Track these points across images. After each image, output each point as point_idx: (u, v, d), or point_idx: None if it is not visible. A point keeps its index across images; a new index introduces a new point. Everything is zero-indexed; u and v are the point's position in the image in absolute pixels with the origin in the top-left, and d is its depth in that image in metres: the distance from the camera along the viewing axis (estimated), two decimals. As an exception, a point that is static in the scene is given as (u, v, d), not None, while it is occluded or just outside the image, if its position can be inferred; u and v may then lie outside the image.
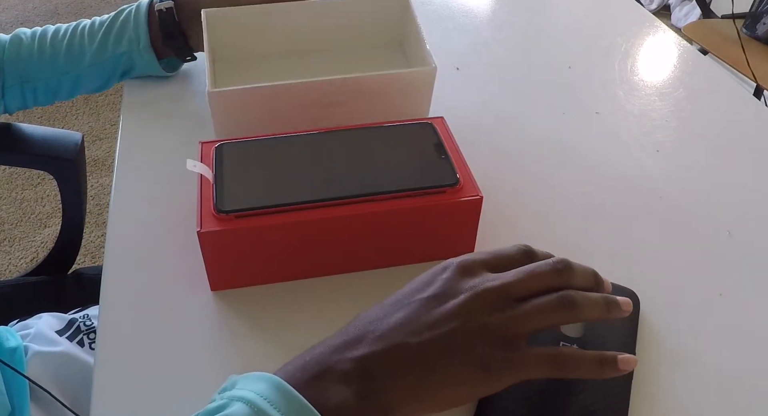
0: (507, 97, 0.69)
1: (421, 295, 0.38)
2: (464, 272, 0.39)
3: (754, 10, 1.74)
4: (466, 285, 0.38)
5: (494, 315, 0.37)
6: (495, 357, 0.36)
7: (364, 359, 0.36)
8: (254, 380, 0.35)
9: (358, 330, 0.37)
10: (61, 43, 0.66)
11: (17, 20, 2.60)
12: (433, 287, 0.38)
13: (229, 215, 0.45)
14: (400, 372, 0.35)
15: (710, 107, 0.69)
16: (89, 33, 0.66)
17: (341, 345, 0.36)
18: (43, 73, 0.67)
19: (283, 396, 0.33)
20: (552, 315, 0.37)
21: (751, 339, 0.46)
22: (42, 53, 0.66)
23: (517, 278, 0.38)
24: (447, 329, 0.36)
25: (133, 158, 0.61)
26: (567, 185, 0.59)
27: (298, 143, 0.52)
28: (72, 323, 0.69)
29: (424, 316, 0.37)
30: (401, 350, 0.36)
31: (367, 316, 0.38)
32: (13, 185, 1.83)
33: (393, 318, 0.37)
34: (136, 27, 0.65)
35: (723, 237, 0.54)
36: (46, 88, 0.68)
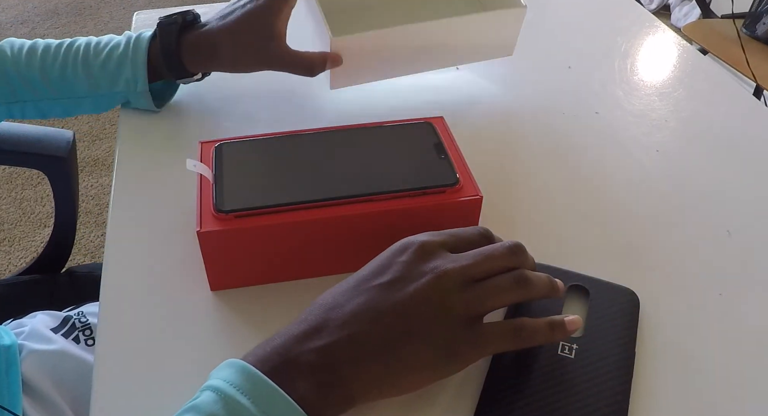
0: (507, 97, 0.69)
1: (380, 280, 0.38)
2: (424, 254, 0.39)
3: (754, 10, 1.74)
4: (426, 268, 0.38)
5: (454, 297, 0.37)
6: (457, 339, 0.37)
7: (327, 349, 0.36)
8: (223, 367, 0.36)
9: (318, 318, 0.37)
10: (52, 68, 0.62)
11: (17, 20, 2.60)
12: (392, 271, 0.38)
13: (228, 215, 0.45)
14: (364, 360, 0.36)
15: (710, 107, 0.69)
16: (83, 63, 0.62)
17: (302, 335, 0.36)
18: (31, 95, 0.63)
19: (248, 379, 0.34)
20: (508, 293, 0.39)
21: (750, 338, 0.46)
22: (30, 75, 0.62)
23: (475, 260, 0.39)
24: (409, 314, 0.37)
25: (133, 158, 0.61)
26: (567, 185, 0.59)
27: (298, 142, 0.52)
28: (67, 320, 0.69)
29: (384, 302, 0.37)
30: (364, 338, 0.36)
31: (326, 303, 0.38)
32: (13, 185, 1.83)
33: (353, 304, 0.37)
34: (134, 68, 0.61)
35: (723, 237, 0.54)
36: (36, 109, 0.65)
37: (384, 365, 0.36)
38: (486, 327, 0.38)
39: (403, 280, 0.38)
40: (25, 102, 0.64)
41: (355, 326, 0.36)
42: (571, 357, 0.43)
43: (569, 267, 0.49)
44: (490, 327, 0.38)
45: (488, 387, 0.41)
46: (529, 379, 0.41)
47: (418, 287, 0.37)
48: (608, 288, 0.47)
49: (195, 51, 0.61)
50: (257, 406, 0.33)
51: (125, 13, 2.66)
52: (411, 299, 0.37)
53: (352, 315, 0.37)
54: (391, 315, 0.37)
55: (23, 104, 0.64)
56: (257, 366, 0.35)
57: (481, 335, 0.38)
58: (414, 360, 0.36)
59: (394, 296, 0.37)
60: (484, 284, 0.39)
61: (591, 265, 0.50)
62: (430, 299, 0.37)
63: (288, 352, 0.36)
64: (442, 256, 0.39)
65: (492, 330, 0.38)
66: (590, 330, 0.44)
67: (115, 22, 2.62)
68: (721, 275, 0.50)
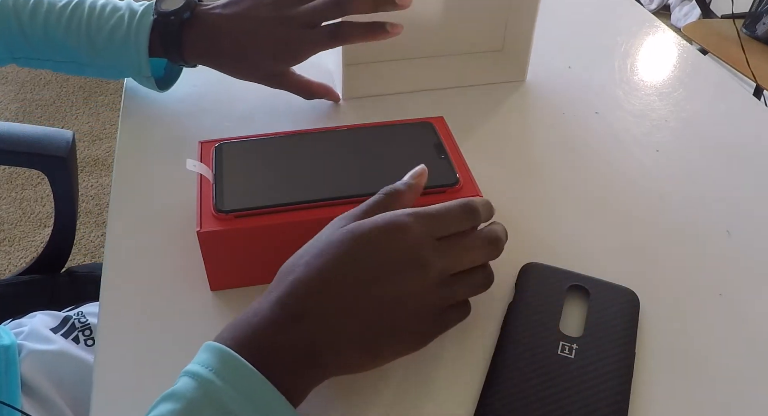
0: (507, 97, 0.69)
1: (364, 268, 0.38)
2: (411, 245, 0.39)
3: (754, 10, 1.74)
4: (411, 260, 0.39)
5: (435, 292, 0.39)
6: (431, 325, 0.40)
7: (308, 338, 0.36)
8: (200, 352, 0.36)
9: (297, 303, 0.37)
10: (55, 33, 0.60)
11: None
12: (377, 261, 0.38)
13: (228, 215, 0.45)
14: (344, 348, 0.37)
15: (710, 107, 0.69)
16: (86, 35, 0.60)
17: (281, 321, 0.36)
18: (36, 54, 0.62)
19: (225, 362, 0.34)
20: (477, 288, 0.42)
21: (750, 339, 0.46)
22: (33, 37, 0.60)
23: (461, 256, 0.41)
24: (391, 307, 0.38)
25: (133, 158, 0.61)
26: (567, 185, 0.59)
27: (298, 142, 0.52)
28: (66, 320, 0.69)
29: (368, 292, 0.38)
30: (344, 328, 0.37)
31: (304, 282, 0.38)
32: (13, 185, 1.83)
33: (334, 292, 0.37)
34: (138, 53, 0.60)
35: (722, 237, 0.54)
36: (41, 66, 0.64)
37: (362, 352, 0.38)
38: (450, 311, 0.41)
39: (387, 276, 0.38)
40: (30, 59, 0.63)
41: (339, 318, 0.37)
42: (571, 357, 0.43)
43: (569, 267, 0.49)
44: (449, 311, 0.41)
45: (488, 387, 0.41)
46: (528, 379, 0.41)
47: (399, 285, 0.38)
48: (608, 288, 0.47)
49: (197, 48, 0.60)
50: (235, 388, 0.34)
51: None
52: (392, 296, 0.38)
53: (334, 305, 0.37)
54: (376, 308, 0.37)
55: (27, 60, 0.64)
56: (235, 349, 0.35)
57: (446, 320, 0.41)
58: (390, 348, 0.38)
59: (381, 290, 0.38)
60: (463, 281, 0.41)
61: (591, 265, 0.50)
62: (413, 297, 0.38)
63: (267, 339, 0.36)
64: (427, 248, 0.39)
65: (451, 313, 0.41)
66: (590, 330, 0.44)
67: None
68: (721, 275, 0.50)
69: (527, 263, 0.50)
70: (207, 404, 0.33)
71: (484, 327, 0.46)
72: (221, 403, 0.33)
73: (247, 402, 0.33)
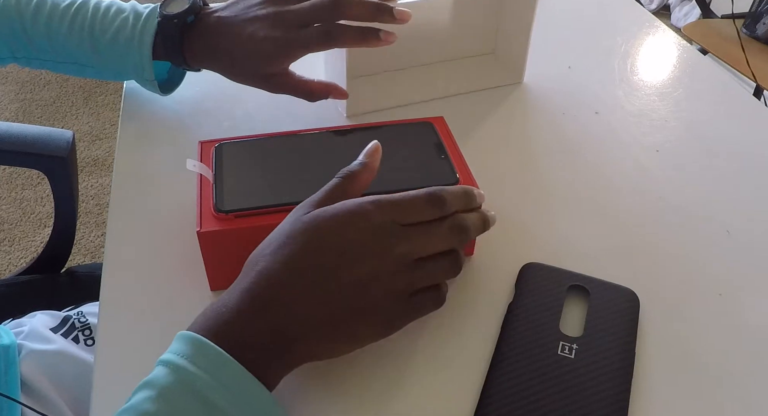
0: (507, 97, 0.69)
1: (333, 256, 0.39)
2: (375, 230, 0.39)
3: (754, 10, 1.74)
4: (375, 247, 0.39)
5: (400, 277, 0.39)
6: (396, 311, 0.40)
7: (277, 329, 0.37)
8: (174, 341, 0.37)
9: (265, 293, 0.38)
10: (57, 34, 0.60)
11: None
12: (343, 248, 0.39)
13: (228, 215, 0.45)
14: (314, 336, 0.38)
15: (710, 107, 0.69)
16: (90, 37, 0.60)
17: (251, 311, 0.37)
18: (38, 55, 0.62)
19: (199, 349, 0.35)
20: (444, 273, 0.42)
21: (750, 338, 0.46)
22: (36, 37, 0.60)
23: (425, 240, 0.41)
24: (358, 294, 0.38)
25: (133, 158, 0.61)
26: (567, 185, 0.59)
27: (298, 142, 0.52)
28: (66, 320, 0.69)
29: (336, 281, 0.38)
30: (314, 317, 0.38)
31: (272, 273, 0.38)
32: (13, 185, 1.83)
33: (304, 282, 0.38)
34: (141, 57, 0.59)
35: (722, 237, 0.54)
36: (42, 66, 0.64)
37: (331, 338, 0.39)
38: (419, 297, 0.41)
39: (350, 263, 0.39)
40: (32, 59, 0.63)
41: (306, 306, 0.38)
42: (571, 357, 0.43)
43: (569, 267, 0.49)
44: (420, 296, 0.41)
45: (488, 387, 0.41)
46: (529, 379, 0.41)
47: (363, 272, 0.38)
48: (608, 288, 0.47)
49: (197, 52, 0.60)
50: (208, 373, 0.34)
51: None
52: (357, 283, 0.38)
53: (300, 293, 0.38)
54: (341, 295, 0.38)
55: (29, 60, 0.64)
56: (207, 337, 0.36)
57: (415, 306, 0.41)
58: (359, 334, 0.39)
59: (346, 276, 0.38)
60: (429, 266, 0.41)
61: (591, 265, 0.50)
62: (378, 283, 0.39)
63: (236, 328, 0.37)
64: (388, 233, 0.40)
65: (422, 298, 0.41)
66: (590, 330, 0.44)
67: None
68: (721, 275, 0.50)
69: (527, 263, 0.50)
70: (181, 389, 0.34)
71: (484, 327, 0.46)
72: (195, 388, 0.34)
73: (221, 386, 0.34)
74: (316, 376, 0.43)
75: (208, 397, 0.34)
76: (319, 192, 0.42)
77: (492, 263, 0.51)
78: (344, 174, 0.43)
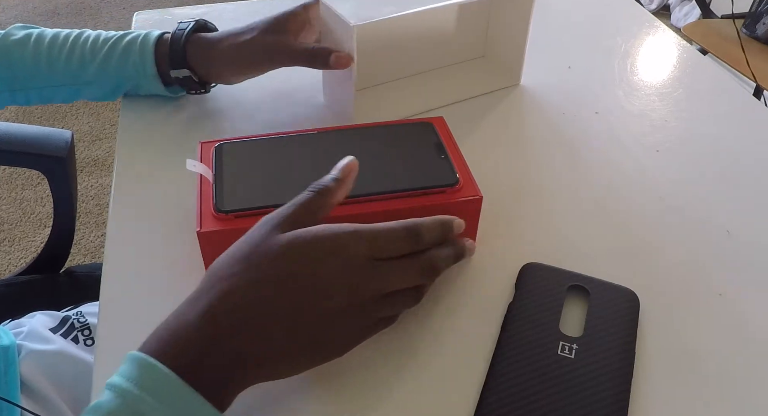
0: (507, 97, 0.69)
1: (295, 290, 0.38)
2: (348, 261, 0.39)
3: (754, 10, 1.74)
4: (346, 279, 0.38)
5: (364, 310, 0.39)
6: (351, 339, 0.40)
7: (237, 355, 0.36)
8: (123, 362, 0.36)
9: (227, 319, 0.36)
10: (59, 55, 0.62)
11: (17, 20, 2.60)
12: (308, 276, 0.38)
13: (228, 215, 0.45)
14: (271, 362, 0.37)
15: (710, 107, 0.69)
16: (91, 48, 0.62)
17: (211, 332, 0.36)
18: (36, 83, 0.64)
19: (144, 370, 0.34)
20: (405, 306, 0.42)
21: (750, 338, 0.46)
22: (36, 63, 0.62)
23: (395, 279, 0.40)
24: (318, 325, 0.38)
25: (133, 158, 0.61)
26: (567, 185, 0.59)
27: (298, 142, 0.52)
28: (65, 320, 0.69)
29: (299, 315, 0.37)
30: (275, 344, 0.37)
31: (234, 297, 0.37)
32: (13, 185, 1.83)
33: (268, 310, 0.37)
34: (142, 53, 0.61)
35: (722, 237, 0.54)
36: (40, 96, 0.65)
37: (285, 364, 0.38)
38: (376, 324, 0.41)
39: (322, 293, 0.38)
40: (29, 89, 0.64)
41: (270, 335, 0.37)
42: (571, 357, 0.43)
43: (569, 267, 0.49)
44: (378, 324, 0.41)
45: (488, 387, 0.41)
46: (528, 379, 0.41)
47: (333, 302, 0.38)
48: (608, 288, 0.47)
49: (201, 43, 0.61)
50: (154, 396, 0.33)
51: (125, 14, 2.66)
52: (324, 312, 0.38)
53: (265, 320, 0.37)
54: (307, 327, 0.37)
55: (27, 91, 0.64)
56: (159, 358, 0.35)
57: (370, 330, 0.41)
58: (317, 359, 0.39)
59: (314, 310, 0.38)
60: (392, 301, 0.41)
61: (591, 265, 0.50)
62: (340, 313, 0.38)
63: (193, 349, 0.35)
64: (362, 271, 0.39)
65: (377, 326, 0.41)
66: (590, 330, 0.44)
67: (115, 22, 2.61)
68: (721, 275, 0.50)
69: (527, 263, 0.50)
70: (127, 414, 0.33)
71: (484, 327, 0.46)
72: (139, 410, 0.33)
73: (168, 408, 0.33)
74: (316, 376, 0.43)
75: None
76: (290, 205, 0.41)
77: (492, 263, 0.51)
78: (317, 189, 0.41)
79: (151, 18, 0.82)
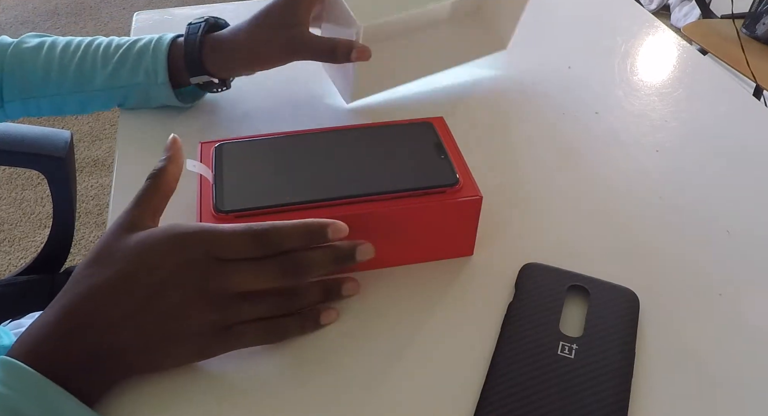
0: (507, 97, 0.69)
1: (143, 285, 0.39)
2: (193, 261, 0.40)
3: (754, 10, 1.74)
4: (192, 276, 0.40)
5: (216, 313, 0.40)
6: (214, 342, 0.41)
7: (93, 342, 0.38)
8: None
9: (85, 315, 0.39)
10: (71, 62, 0.62)
11: (17, 20, 2.60)
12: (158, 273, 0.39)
13: (228, 215, 0.45)
14: (128, 353, 0.39)
15: (710, 107, 0.69)
16: (103, 56, 0.62)
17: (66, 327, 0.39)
18: (47, 91, 0.63)
19: (8, 371, 0.36)
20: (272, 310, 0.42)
21: (750, 338, 0.46)
22: (48, 70, 0.62)
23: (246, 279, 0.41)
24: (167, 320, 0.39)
25: (133, 158, 0.61)
26: (567, 185, 0.59)
27: (297, 143, 0.52)
28: None
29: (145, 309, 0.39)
30: (130, 342, 0.39)
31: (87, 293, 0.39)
32: (13, 185, 1.83)
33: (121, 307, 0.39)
34: (155, 59, 0.61)
35: (722, 237, 0.54)
36: (51, 105, 0.64)
37: (146, 358, 0.40)
38: (243, 330, 0.41)
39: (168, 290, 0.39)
40: (41, 98, 0.64)
41: (119, 330, 0.39)
42: (571, 357, 0.43)
43: (569, 267, 0.49)
44: (247, 330, 0.42)
45: (488, 387, 0.41)
46: (528, 379, 0.41)
47: (178, 300, 0.39)
48: (608, 288, 0.47)
49: (216, 46, 0.60)
50: (20, 393, 0.36)
51: (125, 14, 2.66)
52: (170, 307, 0.39)
53: (115, 314, 0.39)
54: (154, 321, 0.39)
55: (38, 99, 0.64)
56: (21, 358, 0.37)
57: (237, 337, 0.41)
58: (174, 356, 0.41)
59: (158, 304, 0.39)
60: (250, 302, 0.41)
61: (591, 265, 0.50)
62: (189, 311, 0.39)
63: (50, 346, 0.38)
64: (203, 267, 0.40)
65: (249, 333, 0.42)
66: (590, 330, 0.44)
67: (115, 22, 2.61)
68: (721, 275, 0.50)
69: (527, 263, 0.50)
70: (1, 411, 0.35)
71: (484, 327, 0.46)
72: (9, 405, 0.35)
73: (33, 402, 0.36)
74: (315, 376, 0.43)
75: (23, 412, 0.35)
76: (134, 201, 0.44)
77: (492, 263, 0.51)
78: (152, 174, 0.45)
79: (151, 18, 0.82)
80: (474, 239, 0.51)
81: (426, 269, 0.50)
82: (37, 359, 0.37)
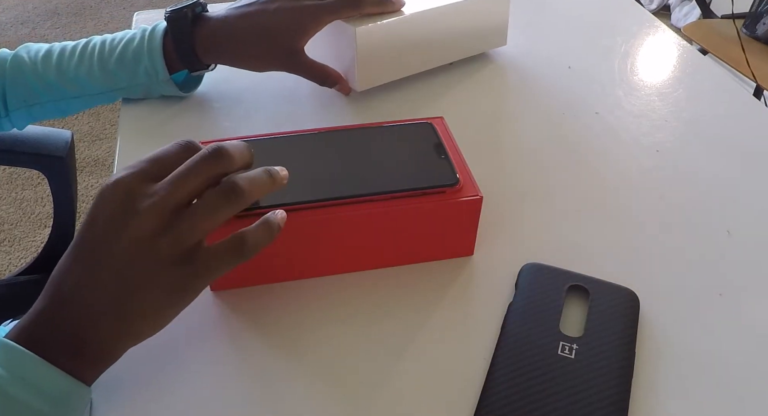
0: (507, 98, 0.70)
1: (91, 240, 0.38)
2: (122, 196, 0.38)
3: (754, 10, 1.74)
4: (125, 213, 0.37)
5: (162, 241, 0.37)
6: (181, 275, 0.38)
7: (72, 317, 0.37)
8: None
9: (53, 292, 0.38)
10: (68, 68, 0.63)
11: (17, 20, 2.60)
12: (98, 230, 0.38)
13: (228, 215, 0.45)
14: (107, 319, 0.37)
15: (710, 107, 0.69)
16: (99, 59, 0.62)
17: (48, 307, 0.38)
18: (50, 96, 0.64)
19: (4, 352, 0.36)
20: (220, 210, 0.38)
21: (750, 338, 0.46)
22: (47, 77, 0.63)
23: (173, 186, 0.38)
24: (123, 270, 0.37)
25: (133, 158, 0.61)
26: (567, 185, 0.59)
27: (297, 143, 0.52)
28: None
29: (98, 265, 0.37)
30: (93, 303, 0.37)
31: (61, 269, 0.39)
32: (13, 185, 1.83)
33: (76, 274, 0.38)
34: (152, 60, 0.62)
35: (722, 237, 0.54)
36: (55, 109, 0.65)
37: (121, 321, 0.37)
38: (206, 252, 0.38)
39: (109, 237, 0.38)
40: (44, 103, 0.65)
41: (88, 289, 0.37)
42: (571, 357, 0.43)
43: (569, 267, 0.49)
44: (211, 252, 0.39)
45: (488, 387, 0.41)
46: (528, 379, 0.41)
47: (124, 243, 0.37)
48: (608, 288, 0.47)
49: (210, 43, 0.62)
50: (8, 370, 0.36)
51: (125, 13, 2.67)
52: (122, 256, 0.37)
53: (83, 279, 0.38)
54: (112, 271, 0.37)
55: (42, 105, 0.65)
56: (13, 338, 0.37)
57: (203, 263, 0.38)
58: (146, 309, 0.38)
59: (107, 258, 0.37)
60: (190, 211, 0.38)
61: (591, 265, 0.50)
62: (140, 251, 0.37)
63: (36, 326, 0.38)
64: (141, 193, 0.38)
65: (214, 253, 0.39)
66: (590, 330, 0.44)
67: (115, 22, 2.62)
68: (721, 275, 0.50)
69: (527, 263, 0.50)
70: None
71: (484, 327, 0.46)
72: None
73: (21, 381, 0.36)
74: (315, 375, 0.43)
75: (8, 392, 0.35)
76: None
77: (492, 263, 0.51)
78: None
79: (151, 18, 0.83)
80: (474, 239, 0.51)
81: (426, 269, 0.50)
82: (27, 340, 0.37)
